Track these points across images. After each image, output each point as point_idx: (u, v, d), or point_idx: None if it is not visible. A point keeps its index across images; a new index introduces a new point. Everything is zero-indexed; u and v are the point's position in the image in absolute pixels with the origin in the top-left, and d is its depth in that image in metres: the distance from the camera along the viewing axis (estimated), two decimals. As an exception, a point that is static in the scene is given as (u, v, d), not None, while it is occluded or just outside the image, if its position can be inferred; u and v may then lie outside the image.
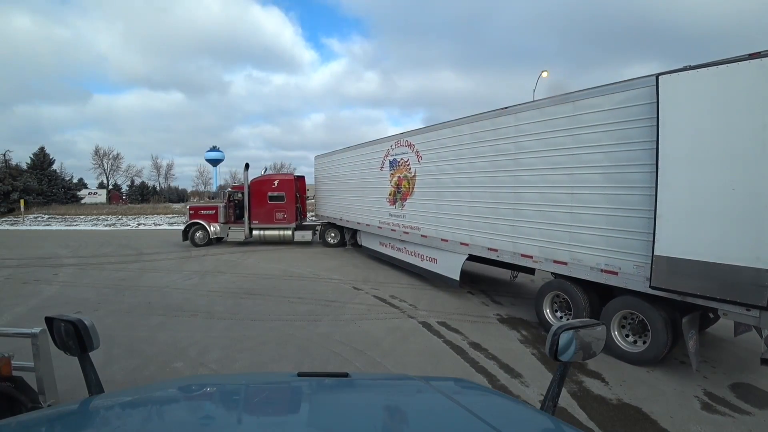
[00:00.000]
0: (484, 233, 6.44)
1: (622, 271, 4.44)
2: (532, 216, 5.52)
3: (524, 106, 5.69)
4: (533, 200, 5.50)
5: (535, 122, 5.44)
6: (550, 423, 1.06)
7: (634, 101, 4.24)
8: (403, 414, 1.14)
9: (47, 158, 41.35)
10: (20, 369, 2.66)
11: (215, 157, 73.57)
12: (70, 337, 1.23)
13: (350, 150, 12.04)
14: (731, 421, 3.39)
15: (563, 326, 1.23)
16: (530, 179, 5.55)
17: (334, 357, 4.65)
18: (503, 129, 5.97)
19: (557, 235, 5.16)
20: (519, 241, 5.77)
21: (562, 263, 5.13)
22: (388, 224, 9.53)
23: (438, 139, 7.57)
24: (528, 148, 5.56)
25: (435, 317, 6.14)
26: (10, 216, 29.47)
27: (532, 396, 3.77)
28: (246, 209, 14.30)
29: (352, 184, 11.80)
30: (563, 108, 5.04)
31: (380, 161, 9.87)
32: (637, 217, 4.24)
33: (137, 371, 4.23)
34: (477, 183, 6.57)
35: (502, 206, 6.03)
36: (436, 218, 7.67)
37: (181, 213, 30.04)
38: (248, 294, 7.50)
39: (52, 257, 12.34)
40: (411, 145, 8.56)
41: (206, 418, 1.04)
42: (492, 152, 6.21)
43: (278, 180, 14.75)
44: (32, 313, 6.21)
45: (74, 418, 0.99)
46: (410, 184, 8.58)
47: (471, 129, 6.68)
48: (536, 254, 5.49)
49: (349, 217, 12.21)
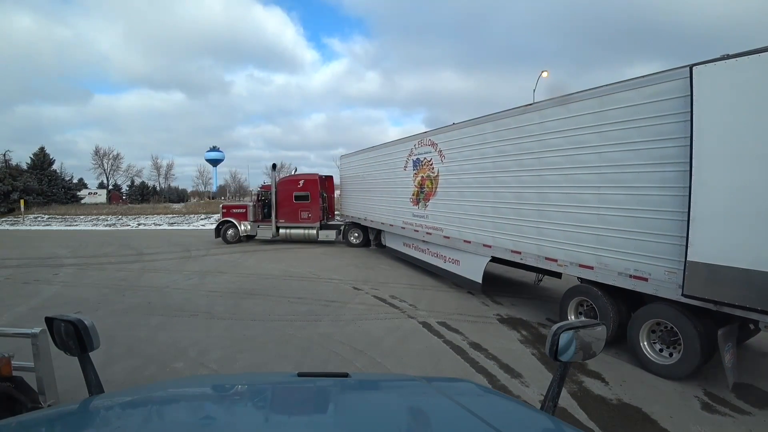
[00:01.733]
0: (507, 235, 6.23)
1: (652, 277, 4.14)
2: (557, 217, 5.27)
3: (549, 102, 5.45)
4: (558, 201, 5.26)
5: (560, 119, 5.19)
6: (550, 423, 1.06)
7: (665, 95, 3.94)
8: (403, 414, 1.14)
9: (47, 158, 41.35)
10: (20, 369, 2.66)
11: (215, 157, 73.57)
12: (70, 337, 1.23)
13: (374, 149, 11.95)
14: (731, 421, 3.39)
15: (563, 326, 1.23)
16: (555, 179, 5.30)
17: (334, 357, 4.64)
18: (527, 126, 5.75)
19: (583, 237, 4.90)
20: (543, 244, 5.52)
21: (588, 267, 4.87)
22: (411, 225, 9.42)
23: (461, 138, 7.41)
24: (553, 146, 5.30)
25: (435, 317, 6.14)
26: (10, 216, 29.47)
27: (532, 396, 3.77)
28: (273, 208, 14.79)
29: (375, 184, 11.74)
30: (589, 104, 4.78)
31: (404, 161, 9.76)
32: (669, 219, 3.95)
33: (137, 371, 4.23)
34: (500, 183, 6.37)
35: (526, 207, 5.81)
36: (459, 219, 7.51)
37: (181, 213, 30.06)
38: (248, 294, 7.50)
39: (52, 257, 12.35)
40: (434, 144, 8.42)
41: (206, 418, 1.04)
42: (515, 151, 6.00)
43: (303, 180, 15.12)
44: (32, 313, 6.21)
45: (74, 418, 0.99)
46: (433, 184, 8.43)
47: (494, 127, 6.49)
48: (561, 257, 5.25)
49: (373, 217, 12.09)
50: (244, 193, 57.74)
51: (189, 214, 28.89)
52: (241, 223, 15.11)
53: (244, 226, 15.12)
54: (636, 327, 4.42)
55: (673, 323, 4.09)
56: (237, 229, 15.11)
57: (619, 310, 4.75)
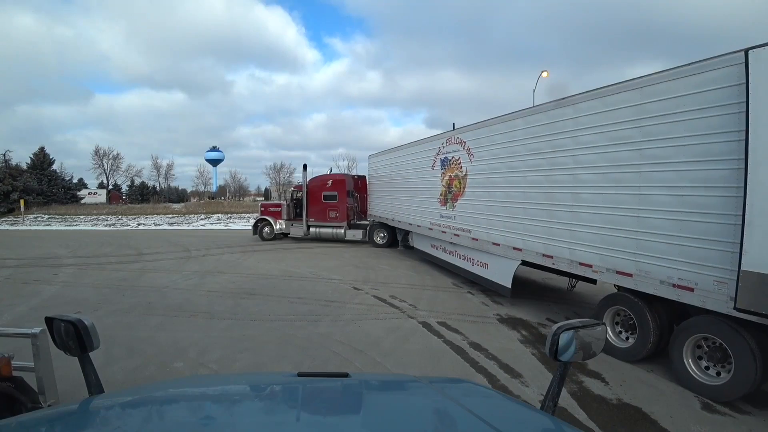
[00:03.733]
0: (538, 238, 5.87)
1: (699, 287, 3.73)
2: (592, 220, 4.90)
3: (583, 96, 5.07)
4: (593, 202, 4.89)
5: (595, 113, 4.84)
6: (550, 423, 1.06)
7: (715, 84, 3.55)
8: (403, 414, 1.14)
9: (47, 158, 41.38)
10: (20, 369, 2.66)
11: (215, 157, 73.60)
12: (70, 337, 1.23)
13: (401, 149, 11.80)
14: (731, 421, 3.39)
15: (563, 326, 1.23)
16: (590, 178, 4.94)
17: (334, 357, 4.64)
18: (560, 122, 5.40)
19: (621, 242, 4.51)
20: (577, 248, 5.15)
21: (626, 275, 4.46)
22: (439, 226, 9.14)
23: (490, 136, 7.12)
24: (587, 143, 4.96)
25: (435, 317, 6.13)
26: (10, 216, 29.48)
27: (532, 396, 3.77)
28: (304, 208, 15.26)
29: (403, 184, 11.54)
30: (628, 96, 4.40)
31: (431, 160, 9.54)
32: (719, 222, 3.55)
33: (137, 371, 4.23)
34: (531, 182, 6.02)
35: (558, 208, 5.44)
36: (488, 220, 7.21)
37: (181, 213, 30.08)
38: (248, 294, 7.50)
39: (52, 257, 12.35)
40: (462, 142, 8.13)
41: (206, 418, 1.04)
42: (547, 148, 5.65)
43: (332, 180, 15.44)
44: (32, 313, 6.21)
45: (74, 418, 0.99)
46: (461, 184, 8.16)
47: (525, 123, 6.15)
48: (596, 263, 4.85)
49: (400, 218, 11.87)
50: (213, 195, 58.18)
51: (189, 214, 28.92)
52: (277, 222, 15.83)
53: (279, 225, 15.82)
54: (679, 342, 4.00)
55: (722, 339, 3.65)
56: (272, 227, 15.84)
57: (661, 323, 4.32)
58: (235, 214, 28.33)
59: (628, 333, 4.69)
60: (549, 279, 8.26)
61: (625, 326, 4.74)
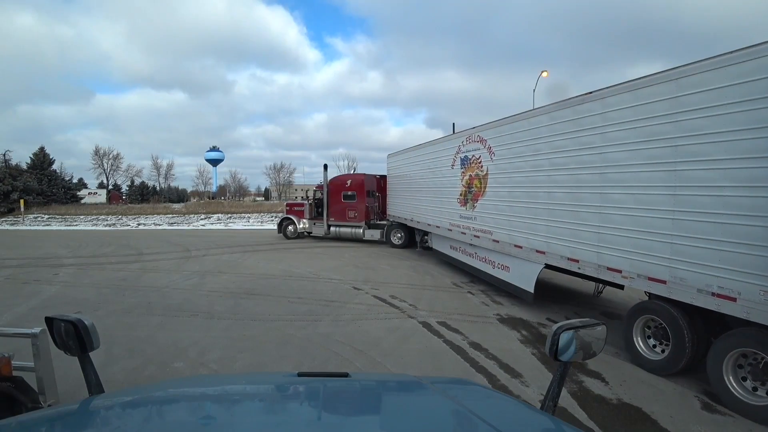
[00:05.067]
0: (563, 240, 5.56)
1: (742, 296, 3.40)
2: (622, 222, 4.58)
3: (613, 90, 4.75)
4: (623, 203, 4.57)
5: (626, 108, 4.52)
6: (550, 423, 1.06)
7: (763, 72, 3.26)
8: (403, 414, 1.14)
9: (47, 158, 41.40)
10: (20, 369, 2.65)
11: (215, 157, 73.65)
12: (70, 337, 1.23)
13: (420, 147, 11.61)
14: (731, 420, 3.39)
15: (563, 326, 1.23)
16: (620, 177, 4.64)
17: (334, 357, 4.64)
18: (587, 118, 5.10)
19: (654, 246, 4.19)
20: (605, 252, 4.83)
21: (659, 281, 4.14)
22: (458, 226, 8.89)
23: (512, 133, 6.83)
24: (617, 139, 4.65)
25: (435, 317, 6.13)
26: (10, 216, 29.49)
27: (532, 396, 3.77)
28: (324, 207, 15.45)
29: (422, 183, 11.31)
30: (662, 89, 4.09)
31: (451, 159, 9.31)
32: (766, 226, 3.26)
33: (137, 371, 4.23)
34: (555, 182, 5.72)
35: (585, 209, 5.13)
36: (509, 221, 6.90)
37: (181, 213, 30.09)
38: (248, 294, 7.50)
39: (52, 257, 12.35)
40: (483, 140, 7.84)
41: (206, 418, 1.04)
42: (573, 146, 5.35)
43: (350, 180, 15.55)
44: (32, 313, 6.21)
45: (74, 418, 0.99)
46: (482, 184, 7.89)
47: (549, 120, 5.84)
48: (626, 268, 4.55)
49: (419, 218, 11.65)
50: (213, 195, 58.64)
51: (189, 214, 28.92)
52: (300, 221, 16.14)
53: (302, 224, 16.13)
54: (719, 356, 3.66)
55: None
56: (296, 226, 16.16)
57: (697, 334, 3.97)
58: (235, 214, 28.34)
59: (658, 343, 4.35)
60: (570, 282, 7.94)
61: (657, 337, 4.38)
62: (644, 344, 4.47)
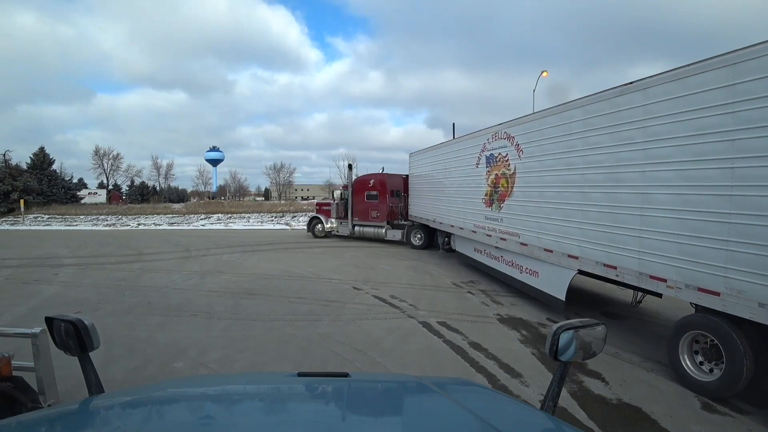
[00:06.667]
0: (599, 245, 5.12)
1: None
2: (668, 225, 4.14)
3: (656, 79, 4.31)
4: (668, 204, 4.14)
5: (671, 99, 4.08)
6: (550, 423, 1.06)
7: None
8: (403, 414, 1.14)
9: (47, 158, 41.42)
10: (20, 369, 2.66)
11: (215, 157, 73.70)
12: (70, 337, 1.23)
13: (443, 146, 11.30)
14: (731, 421, 3.39)
15: (563, 326, 1.23)
16: (664, 176, 4.19)
17: (334, 357, 4.64)
18: (626, 111, 4.68)
19: (706, 253, 3.74)
20: (647, 258, 4.39)
21: (711, 293, 3.68)
22: (483, 228, 8.45)
23: (541, 129, 6.43)
24: (661, 134, 4.21)
25: (435, 317, 6.13)
26: (10, 216, 29.50)
27: (532, 396, 3.77)
28: (349, 207, 15.64)
29: (445, 183, 10.96)
30: (716, 75, 3.64)
31: (475, 157, 8.87)
32: None
33: (137, 371, 4.23)
34: (590, 181, 5.31)
35: (625, 211, 4.69)
36: (539, 224, 6.49)
37: (181, 213, 30.08)
38: (248, 294, 7.50)
39: (52, 257, 12.35)
40: (510, 137, 7.42)
41: (206, 418, 1.04)
42: (610, 142, 4.94)
43: (373, 179, 15.52)
44: (32, 313, 6.21)
45: (74, 418, 0.99)
46: (509, 183, 7.47)
47: (583, 114, 5.42)
48: (672, 277, 4.10)
49: (441, 219, 11.24)
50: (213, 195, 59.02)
51: (189, 214, 28.91)
52: (328, 220, 16.46)
53: (330, 223, 16.44)
54: None
55: None
56: (323, 225, 16.53)
57: (755, 354, 3.52)
58: (235, 214, 28.33)
59: (708, 361, 3.88)
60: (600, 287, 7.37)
61: (708, 355, 3.88)
62: (693, 364, 3.99)
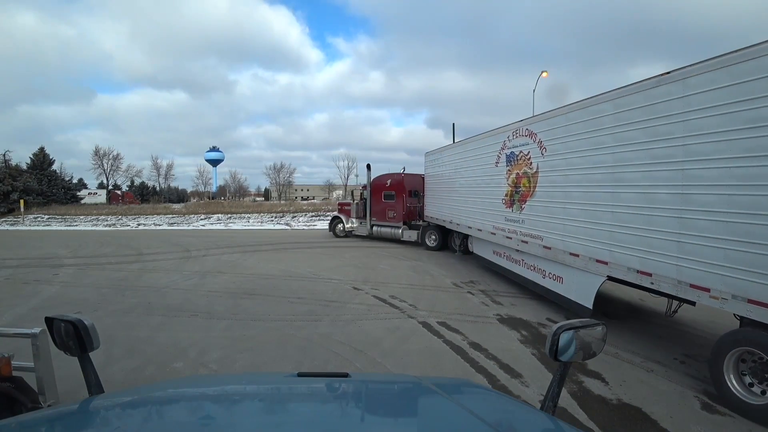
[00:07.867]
0: (631, 249, 4.73)
1: None
2: (711, 229, 3.76)
3: (698, 68, 3.92)
4: (711, 205, 3.78)
5: (715, 89, 3.71)
6: (550, 423, 1.06)
7: None
8: (403, 414, 1.14)
9: (47, 158, 41.41)
10: (20, 369, 2.65)
11: (215, 158, 73.71)
12: (70, 337, 1.23)
13: (460, 144, 11.01)
14: (731, 421, 3.39)
15: (563, 326, 1.23)
16: (707, 174, 3.83)
17: (334, 357, 4.64)
18: (662, 104, 4.31)
19: (755, 260, 3.37)
20: (687, 265, 4.02)
21: (763, 305, 3.32)
22: (503, 230, 8.04)
23: (566, 125, 6.04)
24: (703, 127, 3.85)
25: (435, 317, 6.13)
26: (10, 216, 29.51)
27: (532, 396, 3.77)
28: (367, 207, 15.79)
29: (462, 183, 10.55)
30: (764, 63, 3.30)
31: (495, 156, 8.47)
32: None
33: (137, 371, 4.23)
34: (621, 180, 4.92)
35: (660, 213, 4.33)
36: (564, 226, 6.09)
37: (181, 213, 30.08)
38: (248, 294, 7.50)
39: (52, 257, 12.35)
40: (532, 134, 7.04)
41: (206, 418, 1.04)
42: (645, 137, 4.55)
43: (390, 179, 15.51)
44: (32, 313, 6.21)
45: (74, 418, 0.99)
46: (531, 183, 7.08)
47: (613, 108, 5.03)
48: (717, 286, 3.72)
49: (459, 221, 10.81)
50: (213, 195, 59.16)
51: (189, 215, 28.92)
52: (348, 220, 16.77)
53: (350, 223, 16.75)
54: None
55: None
56: (344, 224, 16.86)
57: None
58: (235, 214, 28.33)
59: (757, 381, 3.51)
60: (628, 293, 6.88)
61: (757, 374, 3.51)
62: (740, 384, 3.60)
